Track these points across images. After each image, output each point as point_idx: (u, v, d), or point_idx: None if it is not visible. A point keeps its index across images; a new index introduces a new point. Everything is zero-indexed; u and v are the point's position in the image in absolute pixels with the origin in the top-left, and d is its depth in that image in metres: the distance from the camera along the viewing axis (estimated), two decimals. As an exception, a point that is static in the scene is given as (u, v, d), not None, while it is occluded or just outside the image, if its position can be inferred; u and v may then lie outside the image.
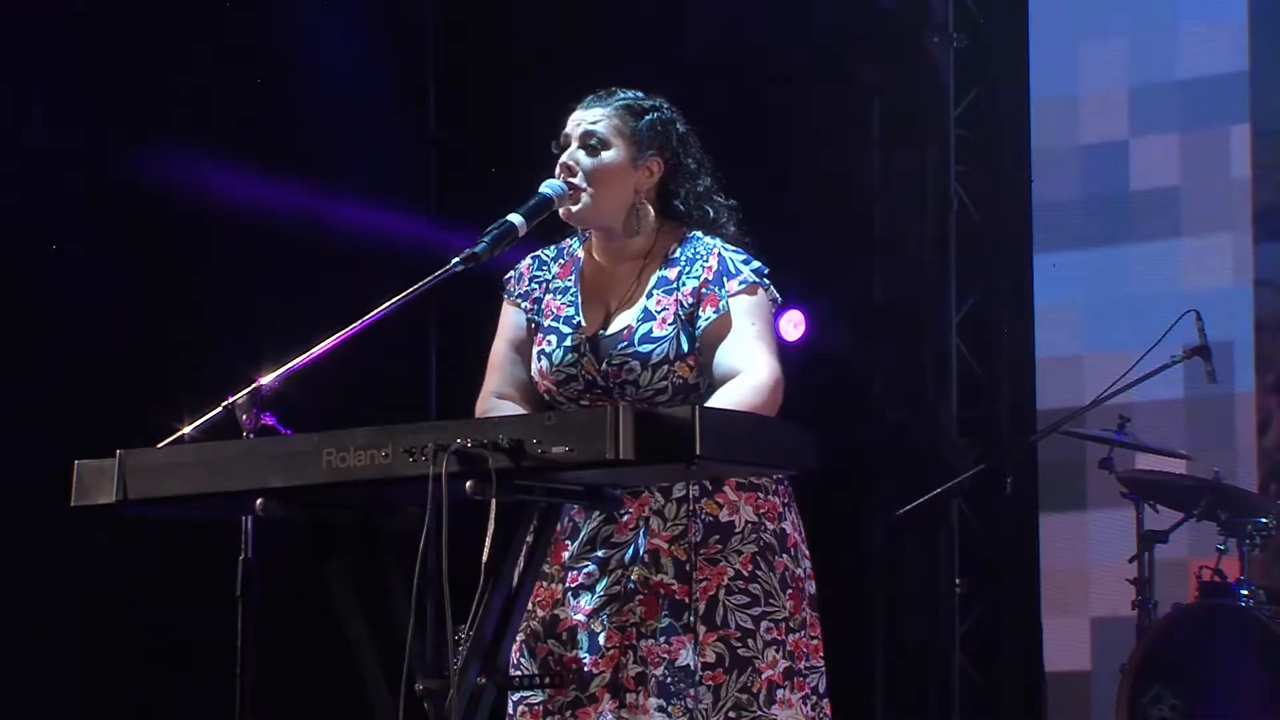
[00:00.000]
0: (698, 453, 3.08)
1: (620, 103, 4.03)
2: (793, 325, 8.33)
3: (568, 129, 4.02)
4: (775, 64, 8.36)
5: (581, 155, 3.98)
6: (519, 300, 4.09)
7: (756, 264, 4.00)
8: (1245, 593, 6.78)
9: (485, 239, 3.83)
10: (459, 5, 8.65)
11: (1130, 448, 7.11)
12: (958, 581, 8.46)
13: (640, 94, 4.07)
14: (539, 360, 4.00)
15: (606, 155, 3.97)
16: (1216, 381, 7.18)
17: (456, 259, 3.78)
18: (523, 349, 4.07)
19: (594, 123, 3.99)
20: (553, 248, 4.13)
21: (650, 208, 4.02)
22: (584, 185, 3.96)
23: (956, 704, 8.48)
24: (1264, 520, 6.87)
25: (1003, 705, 8.49)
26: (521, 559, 3.46)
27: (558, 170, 3.98)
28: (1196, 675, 6.76)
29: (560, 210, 3.97)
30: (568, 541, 3.95)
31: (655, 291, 3.98)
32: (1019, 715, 8.43)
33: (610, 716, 3.85)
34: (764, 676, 3.86)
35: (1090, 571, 8.18)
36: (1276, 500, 7.10)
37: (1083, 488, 8.01)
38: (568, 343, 3.98)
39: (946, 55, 8.73)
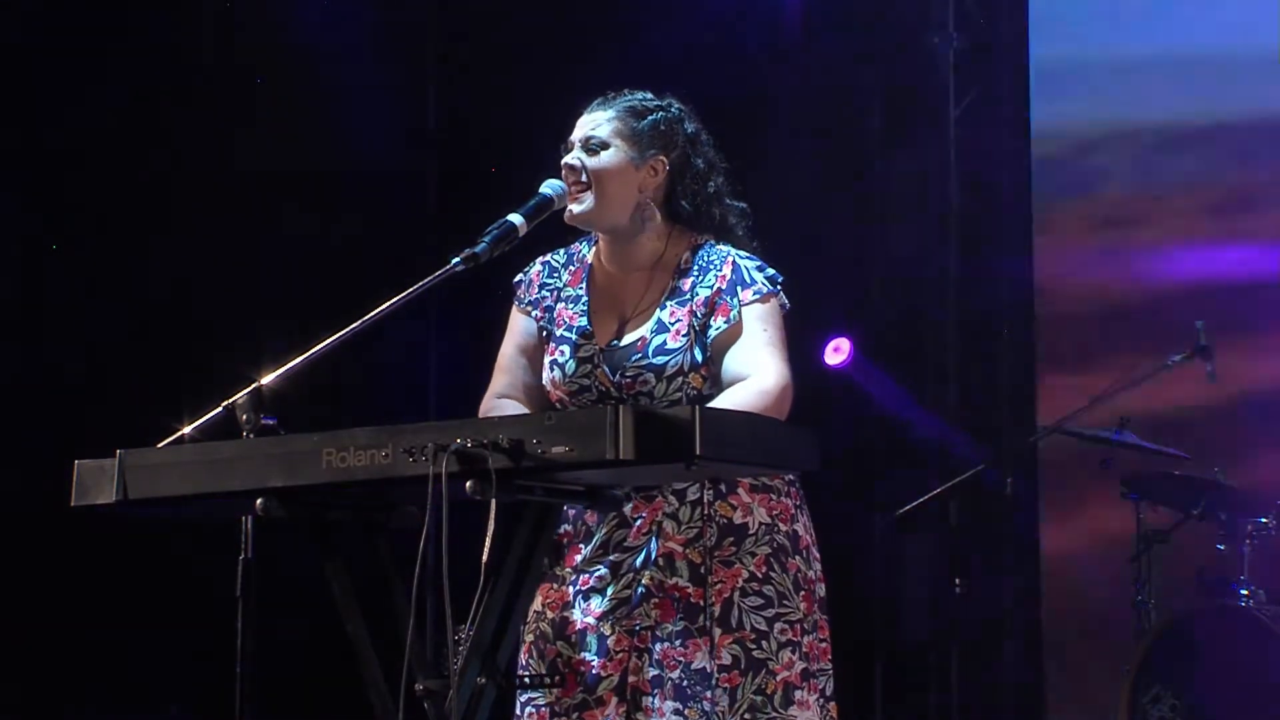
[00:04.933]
0: (697, 453, 3.08)
1: (624, 105, 4.03)
2: (833, 350, 8.33)
3: (573, 134, 4.02)
4: (775, 64, 8.37)
5: (583, 156, 3.98)
6: (529, 308, 4.09)
7: (771, 271, 3.99)
8: (1245, 593, 6.78)
9: (485, 239, 3.83)
10: (459, 5, 8.66)
11: (1130, 448, 7.11)
12: (958, 581, 8.46)
13: (649, 95, 4.07)
14: (551, 370, 4.00)
15: (606, 155, 3.97)
16: (1216, 381, 7.19)
17: (456, 259, 3.78)
18: (532, 354, 4.07)
19: (596, 126, 4.00)
20: (562, 253, 4.12)
21: (656, 210, 4.01)
22: (586, 185, 3.96)
23: (956, 704, 8.48)
24: (1264, 520, 6.88)
25: (1003, 705, 8.49)
26: (521, 559, 3.46)
27: (562, 173, 3.99)
28: (1196, 675, 6.76)
29: (564, 212, 3.97)
30: (580, 545, 3.95)
31: (668, 302, 3.97)
32: (1019, 715, 8.43)
33: (617, 719, 3.85)
34: (779, 678, 3.86)
35: (1090, 571, 8.18)
36: (1276, 500, 7.10)
37: (1083, 488, 8.01)
38: (581, 354, 3.98)
39: (946, 55, 8.73)
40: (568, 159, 3.99)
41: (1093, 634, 8.08)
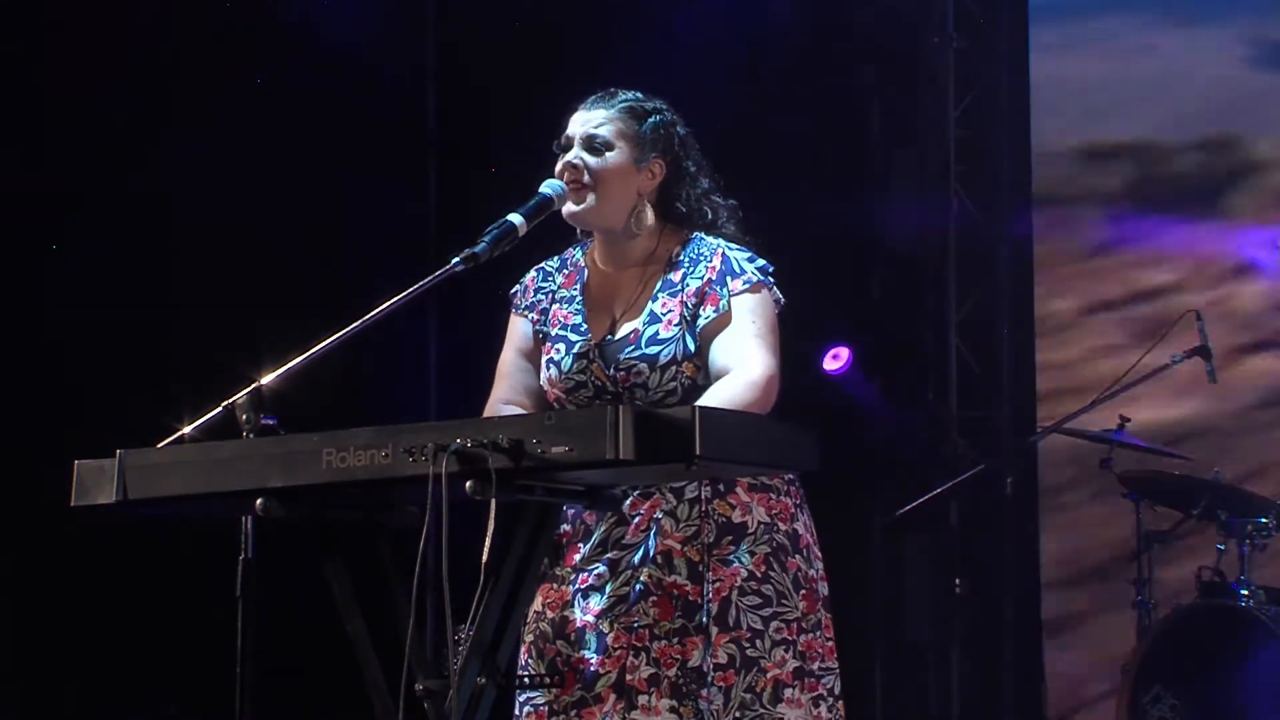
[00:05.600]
0: (697, 452, 3.07)
1: (623, 104, 4.03)
2: (831, 357, 8.35)
3: (570, 130, 4.02)
4: (775, 64, 8.36)
5: (585, 155, 3.98)
6: (526, 312, 4.11)
7: (761, 262, 4.01)
8: (1245, 593, 6.78)
9: (485, 239, 3.83)
10: (459, 5, 8.66)
11: (1130, 448, 7.11)
12: (958, 581, 8.46)
13: (640, 95, 4.08)
14: (548, 369, 4.01)
15: (610, 156, 3.97)
16: (1216, 381, 7.19)
17: (456, 259, 3.78)
18: (531, 357, 4.08)
19: (597, 125, 4.00)
20: (555, 259, 4.15)
21: (651, 209, 4.03)
22: (588, 185, 3.96)
23: (956, 704, 8.48)
24: (1264, 520, 6.88)
25: (1003, 705, 8.49)
26: (521, 559, 3.46)
27: (560, 170, 3.98)
28: (1196, 675, 6.76)
29: (563, 210, 3.97)
30: (579, 544, 3.95)
31: (660, 295, 3.98)
32: (1019, 715, 8.43)
33: (615, 716, 3.85)
34: (769, 676, 3.87)
35: (1090, 571, 8.18)
36: (1276, 500, 7.10)
37: (1083, 488, 8.01)
38: (576, 350, 3.99)
39: (946, 55, 8.73)
40: (569, 157, 3.99)
41: (1093, 633, 8.08)
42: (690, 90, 4.24)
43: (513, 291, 4.15)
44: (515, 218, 3.88)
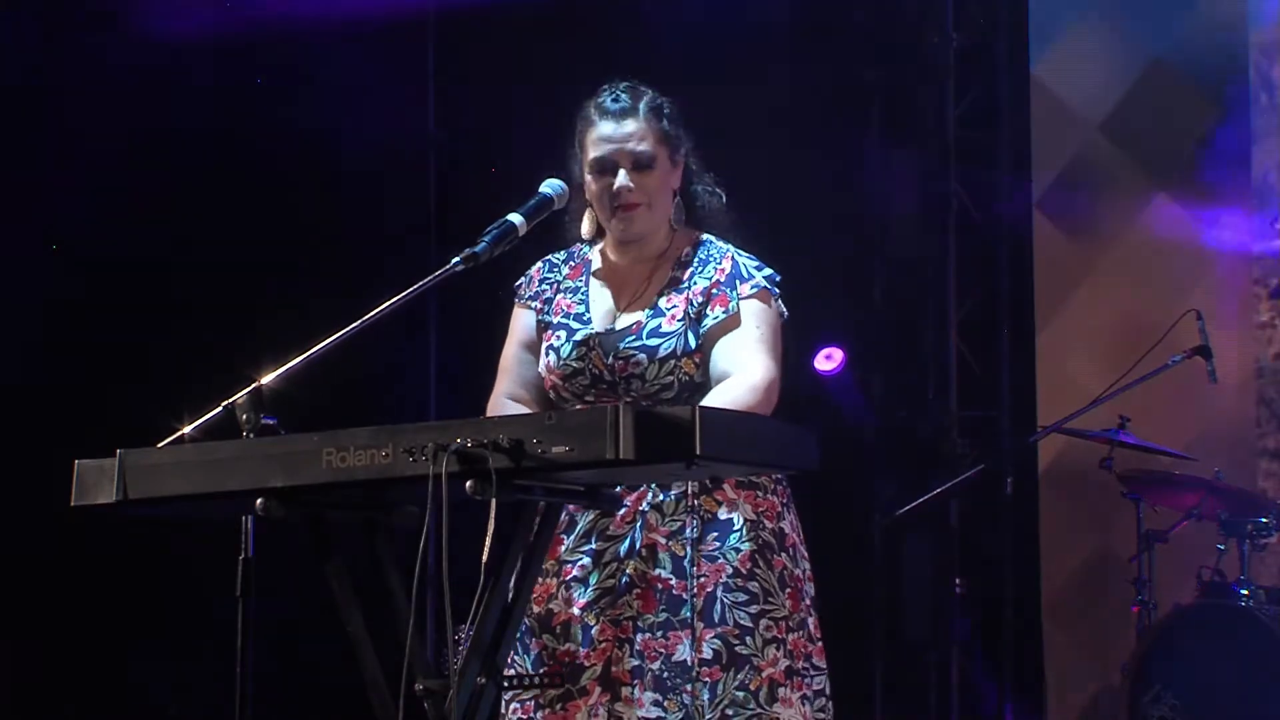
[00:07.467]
0: (697, 452, 3.08)
1: (647, 108, 4.03)
2: (824, 357, 8.35)
3: (603, 152, 3.99)
4: (775, 64, 8.36)
5: (639, 177, 3.99)
6: (530, 302, 4.12)
7: (769, 271, 4.03)
8: (1245, 593, 6.77)
9: (485, 239, 3.83)
10: (459, 4, 8.65)
11: (1130, 448, 7.10)
12: (958, 581, 8.45)
13: (649, 90, 4.08)
14: (547, 355, 4.03)
15: (658, 168, 4.01)
16: (1217, 381, 7.18)
17: (456, 258, 3.78)
18: (534, 349, 4.10)
19: (639, 141, 3.99)
20: (563, 252, 4.17)
21: (673, 206, 4.07)
22: (645, 203, 3.98)
23: (956, 704, 8.48)
24: (1264, 520, 6.87)
25: (1003, 705, 8.49)
26: (521, 559, 3.46)
27: (613, 196, 3.97)
28: (1196, 675, 6.76)
29: (618, 234, 4.00)
30: (564, 536, 3.97)
31: (667, 290, 4.01)
32: (1019, 715, 8.43)
33: (601, 709, 3.86)
34: (764, 675, 3.87)
35: (1090, 571, 8.18)
36: (1276, 500, 7.10)
37: (1083, 488, 8.01)
38: (576, 337, 4.00)
39: (946, 55, 8.73)
40: (624, 182, 3.97)
41: (1093, 634, 8.08)
42: (690, 91, 4.23)
43: (517, 284, 4.16)
44: (515, 218, 3.89)
